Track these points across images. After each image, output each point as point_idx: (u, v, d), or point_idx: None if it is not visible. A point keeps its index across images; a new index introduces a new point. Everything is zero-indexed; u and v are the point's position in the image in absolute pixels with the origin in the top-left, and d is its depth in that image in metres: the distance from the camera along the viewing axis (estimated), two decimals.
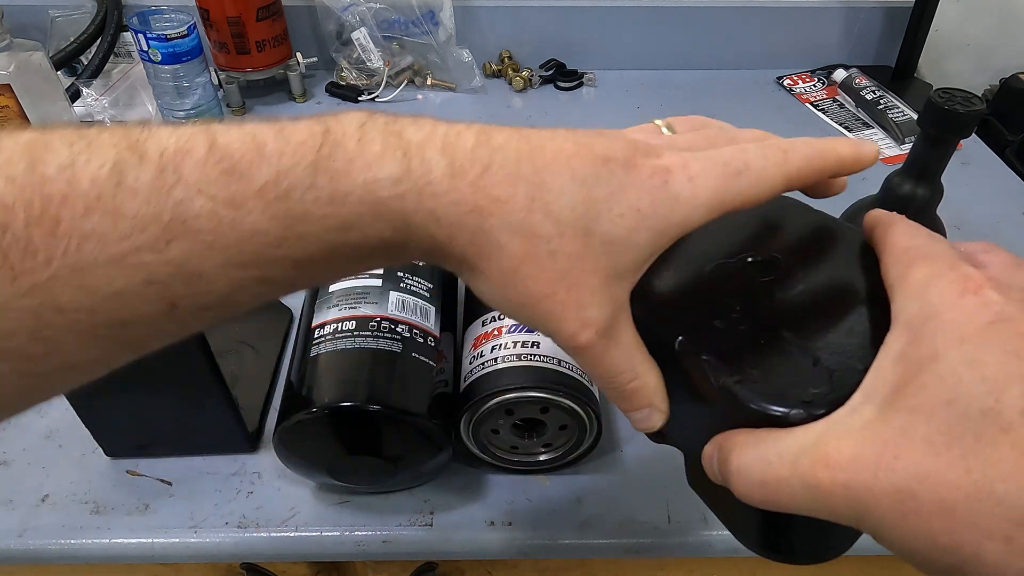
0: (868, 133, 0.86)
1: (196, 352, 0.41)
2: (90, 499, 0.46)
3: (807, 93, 0.93)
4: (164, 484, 0.47)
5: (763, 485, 0.22)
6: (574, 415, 0.43)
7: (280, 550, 0.44)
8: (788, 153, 0.25)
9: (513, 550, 0.45)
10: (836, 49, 0.97)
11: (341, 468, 0.42)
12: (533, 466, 0.47)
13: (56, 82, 0.73)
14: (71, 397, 0.43)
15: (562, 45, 0.95)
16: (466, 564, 0.53)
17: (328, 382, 0.41)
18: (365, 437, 0.41)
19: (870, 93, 0.88)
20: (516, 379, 0.41)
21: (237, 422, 0.46)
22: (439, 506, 0.45)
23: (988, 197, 0.75)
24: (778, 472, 0.21)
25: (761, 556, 0.26)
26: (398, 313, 0.43)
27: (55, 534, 0.44)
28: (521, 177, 0.22)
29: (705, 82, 0.95)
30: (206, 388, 0.43)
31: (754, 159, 0.24)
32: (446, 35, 0.90)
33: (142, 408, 0.44)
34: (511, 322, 0.45)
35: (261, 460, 0.48)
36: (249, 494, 0.46)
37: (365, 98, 0.90)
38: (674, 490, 0.47)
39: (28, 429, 0.50)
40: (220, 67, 0.87)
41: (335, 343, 0.41)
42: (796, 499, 0.21)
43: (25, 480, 0.47)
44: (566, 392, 0.41)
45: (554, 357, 0.43)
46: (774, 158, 0.25)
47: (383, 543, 0.44)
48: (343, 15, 0.88)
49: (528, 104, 0.90)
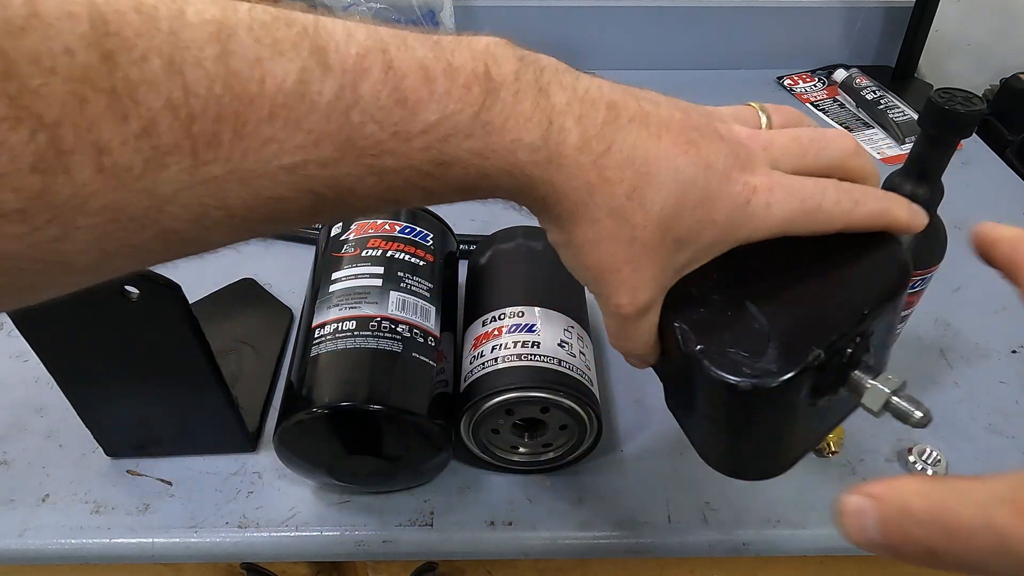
0: (869, 133, 0.86)
1: (196, 352, 0.41)
2: (90, 499, 0.46)
3: (807, 93, 0.93)
4: (164, 484, 0.47)
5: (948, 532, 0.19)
6: (574, 415, 0.43)
7: (280, 550, 0.44)
8: (858, 204, 0.28)
9: (513, 550, 0.45)
10: (836, 49, 0.97)
11: (341, 468, 0.42)
12: (533, 466, 0.47)
13: None
14: (71, 397, 0.43)
15: (562, 45, 0.95)
16: (466, 564, 0.53)
17: (328, 382, 0.41)
18: (365, 437, 0.41)
19: (870, 93, 0.88)
20: (516, 379, 0.41)
21: (237, 422, 0.46)
22: (439, 506, 0.45)
23: (988, 197, 0.75)
24: (969, 523, 0.18)
25: (721, 473, 0.31)
26: (398, 313, 0.43)
27: (55, 534, 0.44)
28: (633, 164, 0.24)
29: (705, 82, 0.95)
30: (206, 388, 0.43)
31: (828, 202, 0.27)
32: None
33: (142, 408, 0.44)
34: (511, 322, 0.45)
35: (261, 460, 0.48)
36: (249, 494, 0.46)
37: None
38: (674, 490, 0.47)
39: (28, 429, 0.50)
40: None
41: (335, 343, 0.41)
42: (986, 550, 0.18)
43: (25, 480, 0.47)
44: (566, 392, 0.41)
45: (554, 357, 0.43)
46: (845, 205, 0.28)
47: (383, 543, 0.44)
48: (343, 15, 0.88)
49: None
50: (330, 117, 0.20)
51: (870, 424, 0.51)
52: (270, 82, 0.19)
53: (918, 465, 0.47)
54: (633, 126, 0.25)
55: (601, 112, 0.24)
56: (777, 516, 0.45)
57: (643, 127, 0.25)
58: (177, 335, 0.40)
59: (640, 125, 0.25)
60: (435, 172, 0.22)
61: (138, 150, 0.17)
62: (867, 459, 0.49)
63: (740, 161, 0.26)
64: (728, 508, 0.46)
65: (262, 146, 0.19)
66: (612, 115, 0.24)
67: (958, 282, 0.64)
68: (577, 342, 0.45)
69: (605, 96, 0.25)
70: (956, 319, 0.60)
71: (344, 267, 0.46)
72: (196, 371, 0.42)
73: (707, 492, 0.47)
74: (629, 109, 0.25)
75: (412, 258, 0.47)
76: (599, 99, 0.25)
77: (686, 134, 0.25)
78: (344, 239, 0.48)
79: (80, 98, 0.16)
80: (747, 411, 0.27)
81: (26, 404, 0.51)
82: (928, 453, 0.48)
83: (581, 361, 0.44)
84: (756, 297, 0.28)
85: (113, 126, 0.17)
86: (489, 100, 0.22)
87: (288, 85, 0.19)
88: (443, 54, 0.22)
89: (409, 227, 0.49)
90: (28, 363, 0.54)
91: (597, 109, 0.24)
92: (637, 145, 0.24)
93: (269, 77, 0.19)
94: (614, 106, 0.25)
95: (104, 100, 0.16)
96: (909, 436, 0.50)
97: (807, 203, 0.27)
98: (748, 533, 0.45)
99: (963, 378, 0.55)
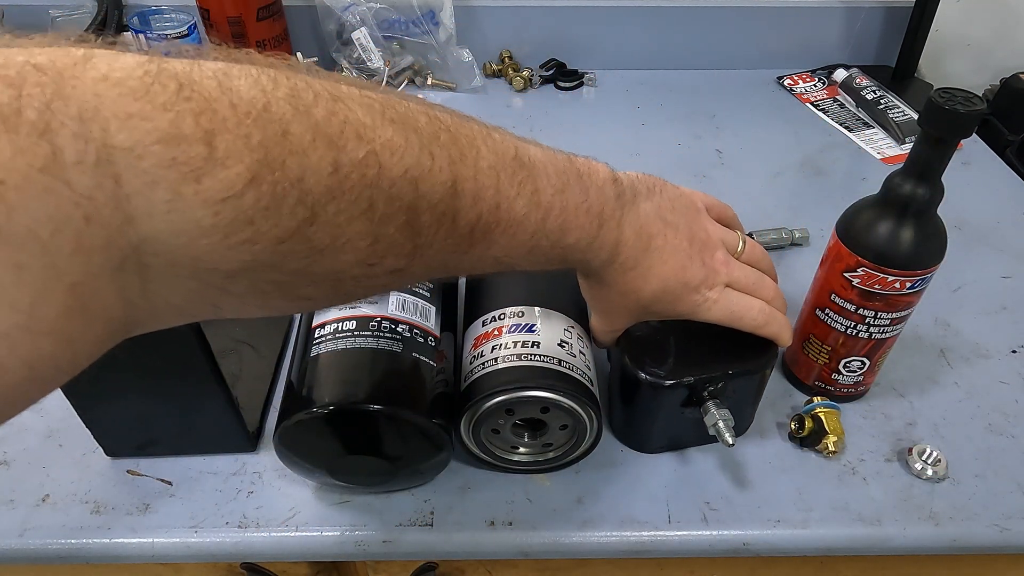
0: (868, 133, 0.86)
1: (196, 352, 0.41)
2: (90, 499, 0.46)
3: (807, 93, 0.93)
4: (164, 484, 0.47)
5: None
6: (574, 415, 0.43)
7: (280, 550, 0.44)
8: (764, 325, 0.44)
9: (513, 550, 0.45)
10: (836, 49, 0.97)
11: (341, 468, 0.42)
12: (533, 466, 0.47)
13: None
14: (71, 397, 0.43)
15: (562, 45, 0.95)
16: (466, 564, 0.53)
17: (328, 382, 0.41)
18: (365, 437, 0.41)
19: (870, 93, 0.88)
20: (516, 379, 0.41)
21: (237, 422, 0.46)
22: (439, 506, 0.45)
23: (988, 197, 0.75)
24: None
25: (616, 438, 0.50)
26: (398, 313, 0.43)
27: (55, 534, 0.44)
28: (644, 277, 0.39)
29: (705, 82, 0.95)
30: (206, 388, 0.43)
31: (747, 318, 0.43)
32: (446, 35, 0.90)
33: (142, 408, 0.44)
34: (511, 322, 0.45)
35: (261, 460, 0.48)
36: (249, 494, 0.46)
37: None
38: (674, 490, 0.47)
39: (28, 429, 0.50)
40: None
41: (335, 343, 0.41)
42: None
43: (25, 480, 0.47)
44: (566, 392, 0.41)
45: (554, 357, 0.43)
46: (758, 322, 0.43)
47: (383, 543, 0.44)
48: (343, 15, 0.88)
49: (528, 104, 0.90)
50: (528, 237, 0.32)
51: (870, 424, 0.51)
52: (512, 212, 0.31)
53: (918, 465, 0.47)
54: (655, 253, 0.38)
55: (643, 242, 0.38)
56: (777, 516, 0.45)
57: (660, 254, 0.39)
58: (177, 335, 0.40)
59: (659, 252, 0.39)
60: (554, 261, 0.35)
61: (455, 245, 0.29)
62: (867, 459, 0.49)
63: (708, 282, 0.41)
64: (728, 508, 0.46)
65: (492, 246, 0.31)
66: (646, 243, 0.38)
67: (958, 282, 0.64)
68: (577, 342, 0.45)
69: (649, 227, 0.38)
70: (956, 319, 0.60)
71: None
72: (196, 371, 0.42)
73: (707, 492, 0.47)
74: (657, 239, 0.38)
75: None
76: (644, 231, 0.38)
77: (683, 261, 0.40)
78: None
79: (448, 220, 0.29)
80: (640, 396, 0.45)
81: None
82: (928, 453, 0.48)
83: (581, 361, 0.44)
84: (677, 339, 0.46)
85: (451, 239, 0.29)
86: (598, 231, 0.35)
87: (518, 215, 0.31)
88: (584, 195, 0.34)
89: None
90: None
91: (641, 240, 0.38)
92: (652, 266, 0.39)
93: (512, 208, 0.31)
94: (652, 237, 0.38)
95: (447, 224, 0.28)
96: (909, 436, 0.50)
97: (735, 314, 0.42)
98: (748, 533, 0.45)
99: (963, 378, 0.55)
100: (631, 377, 0.44)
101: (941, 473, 0.47)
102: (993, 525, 0.45)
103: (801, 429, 0.48)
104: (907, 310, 0.46)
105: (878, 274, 0.44)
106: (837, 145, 0.84)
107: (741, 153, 0.82)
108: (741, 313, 0.42)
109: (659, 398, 0.45)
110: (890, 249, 0.43)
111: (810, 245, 0.68)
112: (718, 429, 0.44)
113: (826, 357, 0.50)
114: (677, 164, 0.79)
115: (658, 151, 0.81)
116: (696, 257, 0.40)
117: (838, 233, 0.46)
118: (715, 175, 0.78)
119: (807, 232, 0.67)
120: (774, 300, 0.45)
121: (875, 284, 0.44)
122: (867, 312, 0.46)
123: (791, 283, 0.62)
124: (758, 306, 0.43)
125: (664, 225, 0.39)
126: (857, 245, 0.44)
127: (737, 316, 0.42)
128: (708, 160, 0.80)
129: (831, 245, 0.47)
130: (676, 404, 0.45)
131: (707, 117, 0.88)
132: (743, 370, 0.45)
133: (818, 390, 0.52)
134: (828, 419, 0.48)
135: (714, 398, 0.45)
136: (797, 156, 0.82)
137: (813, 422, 0.48)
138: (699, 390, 0.45)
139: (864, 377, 0.51)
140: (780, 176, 0.78)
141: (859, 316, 0.46)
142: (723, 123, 0.87)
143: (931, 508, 0.46)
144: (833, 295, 0.47)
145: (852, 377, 0.50)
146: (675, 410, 0.46)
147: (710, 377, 0.44)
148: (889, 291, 0.44)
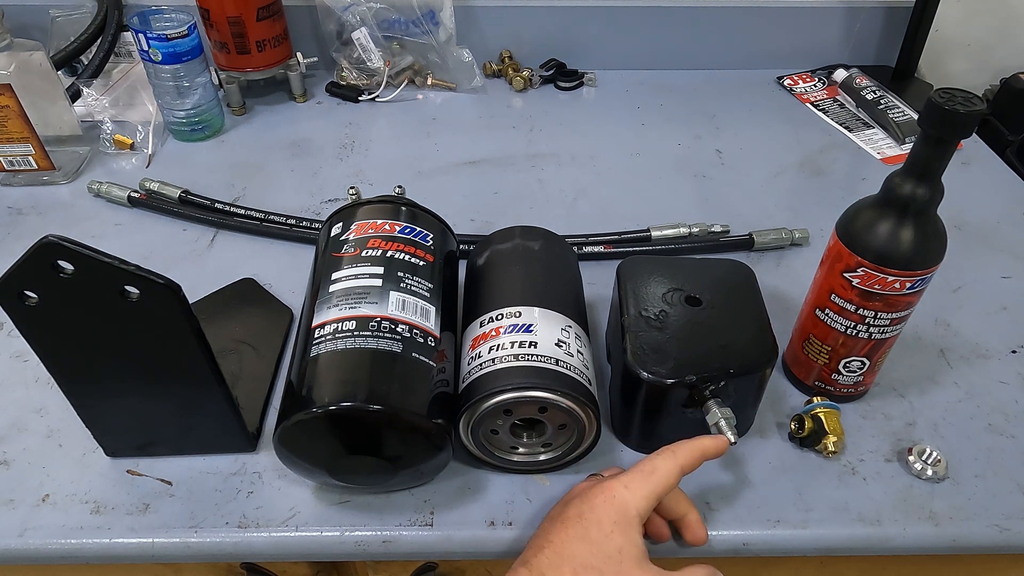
0: (869, 133, 0.86)
1: (196, 352, 0.41)
2: (90, 499, 0.46)
3: (807, 93, 0.93)
4: (164, 484, 0.47)
5: None
6: (572, 415, 0.43)
7: (280, 550, 0.44)
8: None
9: (513, 550, 0.45)
10: (836, 49, 0.97)
11: (341, 468, 0.42)
12: (533, 466, 0.47)
13: (56, 82, 0.74)
14: (71, 397, 0.43)
15: (562, 45, 0.95)
16: (466, 564, 0.53)
17: (328, 382, 0.41)
18: (365, 437, 0.41)
19: (870, 93, 0.88)
20: (514, 379, 0.41)
21: (237, 422, 0.46)
22: (439, 506, 0.45)
23: (988, 197, 0.75)
24: None
25: (617, 439, 0.50)
26: (398, 313, 0.43)
27: (55, 534, 0.44)
28: None
29: (705, 82, 0.95)
30: (206, 388, 0.43)
31: None
32: (446, 35, 0.90)
33: (142, 408, 0.44)
34: (508, 322, 0.45)
35: (261, 460, 0.48)
36: (249, 494, 0.46)
37: (365, 98, 0.90)
38: None
39: (28, 429, 0.50)
40: (220, 67, 0.87)
41: (335, 343, 0.41)
42: None
43: (25, 480, 0.47)
44: (564, 392, 0.41)
45: (552, 357, 0.43)
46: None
47: (383, 543, 0.44)
48: (343, 15, 0.88)
49: (528, 104, 0.90)
50: None
51: (870, 424, 0.51)
52: None
53: (918, 465, 0.47)
54: None
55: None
56: (777, 516, 0.45)
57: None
58: (177, 335, 0.40)
59: None
60: None
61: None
62: (867, 459, 0.49)
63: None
64: (728, 508, 0.46)
65: None
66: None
67: (958, 282, 0.64)
68: (575, 342, 0.45)
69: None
70: (956, 319, 0.60)
71: (344, 267, 0.46)
72: (196, 371, 0.42)
73: (707, 492, 0.47)
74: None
75: (412, 258, 0.47)
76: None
77: None
78: (344, 239, 0.48)
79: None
80: (641, 395, 0.45)
81: (26, 404, 0.52)
82: (928, 453, 0.48)
83: (579, 361, 0.44)
84: (678, 339, 0.46)
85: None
86: None
87: None
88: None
89: (409, 227, 0.49)
90: (28, 363, 0.54)
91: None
92: None
93: None
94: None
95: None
96: (909, 436, 0.50)
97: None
98: (748, 533, 0.45)
99: (963, 378, 0.55)
100: (633, 376, 0.44)
101: (941, 473, 0.47)
102: (993, 525, 0.45)
103: (801, 429, 0.48)
104: (907, 310, 0.46)
105: (878, 274, 0.44)
106: (837, 145, 0.84)
107: (741, 153, 0.82)
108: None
109: (661, 397, 0.45)
110: (890, 249, 0.43)
111: (810, 245, 0.68)
112: (720, 428, 0.44)
113: (826, 357, 0.50)
114: (677, 164, 0.79)
115: (658, 151, 0.81)
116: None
117: (838, 233, 0.46)
118: (715, 175, 0.78)
119: (807, 232, 0.67)
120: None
121: (875, 284, 0.44)
122: (867, 312, 0.46)
123: (791, 283, 0.62)
124: None
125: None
126: (857, 245, 0.44)
127: None
128: (708, 160, 0.80)
129: (831, 245, 0.47)
130: (678, 403, 0.45)
131: (707, 117, 0.88)
132: (744, 369, 0.45)
133: (818, 390, 0.52)
134: (828, 419, 0.48)
135: (715, 397, 0.45)
136: (797, 156, 0.82)
137: (813, 422, 0.48)
138: (700, 389, 0.44)
139: (864, 377, 0.51)
140: (780, 176, 0.78)
141: (859, 316, 0.46)
142: (723, 123, 0.87)
143: (931, 508, 0.46)
144: (833, 295, 0.47)
145: (852, 377, 0.50)
146: (676, 409, 0.46)
147: (711, 376, 0.44)
148: (889, 291, 0.44)
